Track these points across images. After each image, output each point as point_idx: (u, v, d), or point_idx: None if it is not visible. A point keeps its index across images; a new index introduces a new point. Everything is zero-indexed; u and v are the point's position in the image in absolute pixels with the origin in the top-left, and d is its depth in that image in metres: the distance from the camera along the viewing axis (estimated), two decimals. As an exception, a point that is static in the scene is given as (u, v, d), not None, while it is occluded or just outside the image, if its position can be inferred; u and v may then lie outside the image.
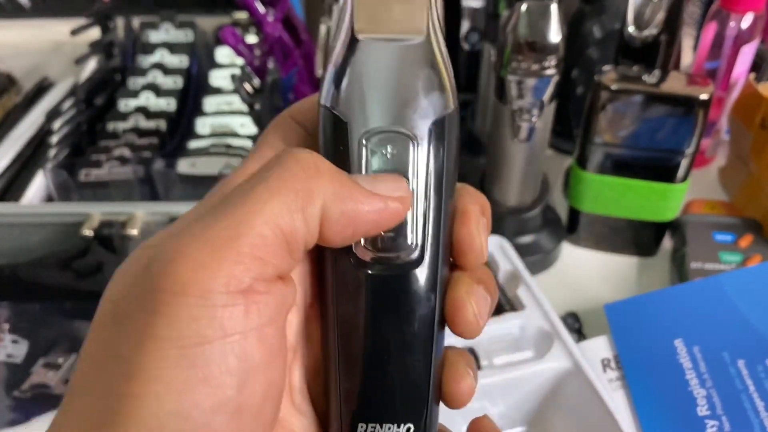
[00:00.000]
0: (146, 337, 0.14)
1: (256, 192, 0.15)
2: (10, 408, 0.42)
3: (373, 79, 0.17)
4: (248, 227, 0.15)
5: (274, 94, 0.50)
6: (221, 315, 0.14)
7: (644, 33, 0.49)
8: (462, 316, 0.18)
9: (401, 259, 0.18)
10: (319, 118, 0.18)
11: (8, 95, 0.70)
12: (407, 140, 0.17)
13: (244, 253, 0.14)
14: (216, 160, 0.56)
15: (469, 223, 0.19)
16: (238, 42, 0.52)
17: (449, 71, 0.18)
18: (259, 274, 0.15)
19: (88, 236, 0.49)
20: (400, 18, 0.17)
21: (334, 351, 0.18)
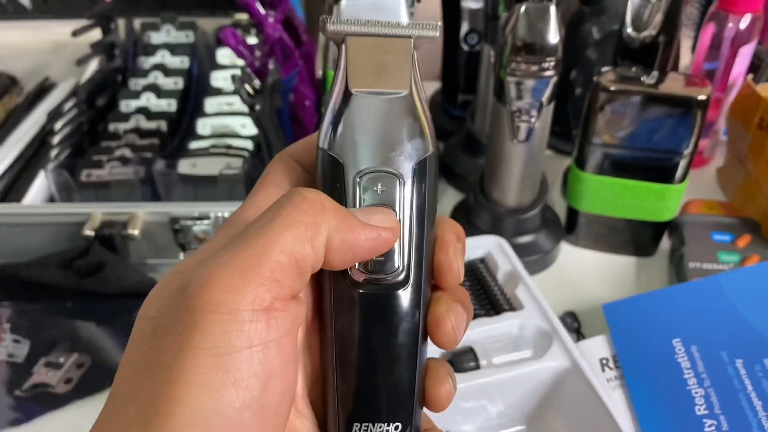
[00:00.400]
0: (185, 348, 0.16)
1: (272, 226, 0.18)
2: (12, 407, 0.42)
3: (365, 126, 0.20)
4: (268, 256, 0.18)
5: (275, 94, 0.50)
6: (248, 329, 0.17)
7: (643, 34, 0.49)
8: (442, 330, 0.21)
9: (389, 280, 0.21)
10: (318, 159, 0.21)
11: (10, 96, 0.71)
12: (394, 179, 0.20)
13: (266, 277, 0.17)
14: (217, 161, 0.56)
15: (447, 250, 0.22)
16: (238, 43, 0.52)
17: (429, 119, 0.21)
18: (278, 294, 0.18)
19: (89, 236, 0.49)
20: (387, 75, 0.20)
21: (331, 360, 0.21)
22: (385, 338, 0.21)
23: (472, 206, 0.53)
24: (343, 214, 0.19)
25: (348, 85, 0.20)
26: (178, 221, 0.50)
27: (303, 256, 0.18)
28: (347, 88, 0.20)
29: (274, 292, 0.18)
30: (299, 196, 0.19)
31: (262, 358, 0.17)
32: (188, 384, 0.16)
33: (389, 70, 0.20)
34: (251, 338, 0.17)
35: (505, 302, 0.43)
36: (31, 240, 0.51)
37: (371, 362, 0.21)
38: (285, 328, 0.18)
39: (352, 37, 0.20)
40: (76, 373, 0.44)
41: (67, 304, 0.50)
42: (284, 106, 0.52)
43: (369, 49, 0.20)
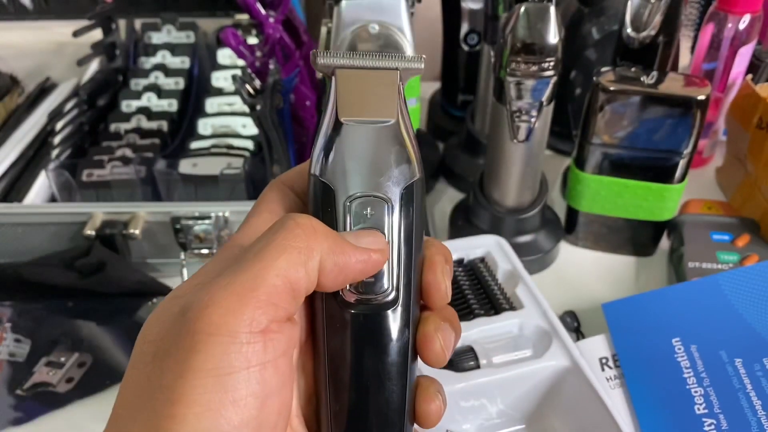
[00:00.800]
0: (186, 369, 0.17)
1: (267, 251, 0.19)
2: (13, 407, 0.42)
3: (354, 153, 0.21)
4: (264, 280, 0.18)
5: (275, 94, 0.50)
6: (246, 350, 0.18)
7: (642, 34, 0.49)
8: (431, 349, 0.22)
9: (379, 301, 0.21)
10: (310, 185, 0.22)
11: (11, 96, 0.71)
12: (383, 203, 0.21)
13: (262, 301, 0.18)
14: (217, 161, 0.57)
15: (435, 271, 0.22)
16: (239, 43, 0.52)
17: (415, 146, 0.22)
18: (274, 316, 0.18)
19: (91, 236, 0.49)
20: (375, 105, 0.21)
21: (324, 379, 0.22)
22: (375, 357, 0.21)
23: (472, 206, 0.53)
24: (335, 238, 0.20)
25: (338, 114, 0.21)
26: (179, 221, 0.50)
27: (297, 279, 0.19)
28: (337, 117, 0.21)
29: (270, 315, 0.18)
30: (292, 221, 0.20)
31: (259, 378, 0.18)
32: (189, 404, 0.17)
33: (377, 100, 0.21)
34: (249, 359, 0.18)
35: (505, 302, 0.43)
36: (33, 240, 0.51)
37: (362, 381, 0.22)
38: (281, 349, 0.19)
39: (341, 69, 0.21)
40: (77, 372, 0.45)
41: (68, 304, 0.50)
42: (285, 106, 0.52)
43: (357, 80, 0.21)
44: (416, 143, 0.22)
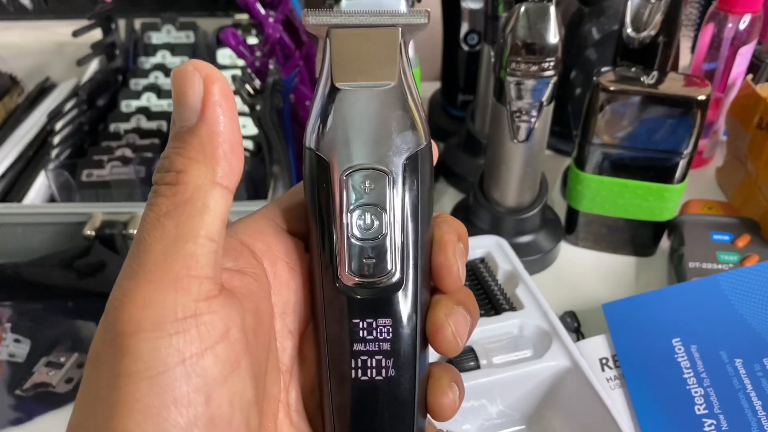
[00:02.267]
0: (117, 376, 0.16)
1: (163, 225, 0.17)
2: (12, 407, 0.42)
3: (351, 122, 0.19)
4: (175, 253, 0.16)
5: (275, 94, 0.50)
6: (176, 342, 0.16)
7: (642, 34, 0.49)
8: (442, 336, 0.20)
9: (382, 283, 0.20)
10: (305, 160, 0.20)
11: (10, 96, 0.71)
12: (383, 175, 0.19)
13: (181, 279, 0.16)
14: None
15: (446, 250, 0.21)
16: (239, 43, 0.52)
17: (420, 110, 0.20)
18: (199, 294, 0.17)
19: (90, 236, 0.49)
20: (373, 67, 0.19)
21: (325, 370, 0.20)
22: (380, 346, 0.20)
23: (472, 206, 0.53)
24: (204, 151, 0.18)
25: (333, 79, 0.19)
26: (178, 221, 0.50)
27: (210, 230, 0.17)
28: (332, 82, 0.19)
29: (195, 293, 0.16)
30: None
31: (198, 370, 0.16)
32: (129, 413, 0.15)
33: (376, 61, 0.19)
34: (182, 351, 0.16)
35: (505, 302, 0.43)
36: (32, 240, 0.51)
37: (367, 372, 0.20)
38: (218, 331, 0.17)
39: (336, 29, 0.19)
40: (76, 372, 0.45)
41: (68, 304, 0.50)
42: (284, 106, 0.52)
43: (354, 41, 0.19)
44: (422, 108, 0.20)
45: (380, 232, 0.19)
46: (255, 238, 0.21)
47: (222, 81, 0.18)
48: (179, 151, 0.17)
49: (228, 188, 0.18)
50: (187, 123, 0.18)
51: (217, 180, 0.17)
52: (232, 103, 0.18)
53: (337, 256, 0.20)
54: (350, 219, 0.19)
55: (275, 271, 0.21)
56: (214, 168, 0.17)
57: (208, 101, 0.17)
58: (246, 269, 0.20)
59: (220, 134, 0.18)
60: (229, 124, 0.18)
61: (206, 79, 0.17)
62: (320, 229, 0.20)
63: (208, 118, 0.17)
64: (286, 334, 0.21)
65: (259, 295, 0.19)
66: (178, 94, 0.18)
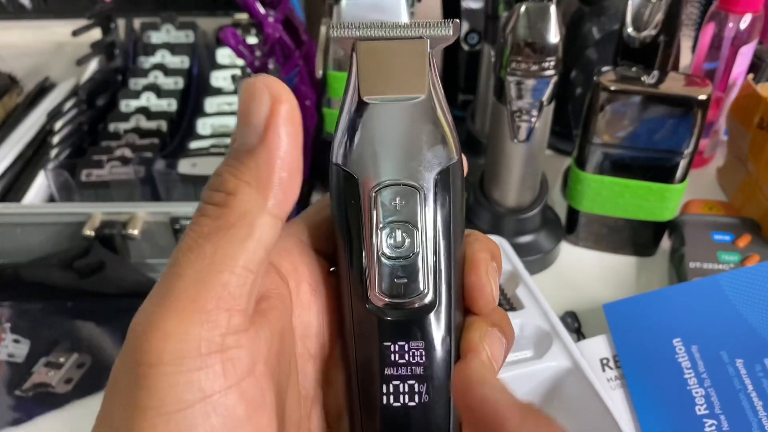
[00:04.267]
0: (132, 409, 0.15)
1: (201, 249, 0.16)
2: (12, 407, 0.42)
3: (379, 136, 0.19)
4: (206, 282, 0.15)
5: (275, 94, 0.50)
6: (197, 378, 0.15)
7: (643, 34, 0.49)
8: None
9: (414, 305, 0.19)
10: (331, 176, 0.19)
11: (10, 96, 0.71)
12: (414, 192, 0.19)
13: (209, 311, 0.15)
14: (217, 161, 0.56)
15: (478, 270, 0.20)
16: (238, 43, 0.52)
17: (451, 124, 0.19)
18: (227, 327, 0.15)
19: (90, 236, 0.49)
20: (402, 79, 0.19)
21: (355, 395, 0.19)
22: (412, 371, 0.19)
23: (472, 206, 0.53)
24: (259, 177, 0.16)
25: (360, 93, 0.18)
26: (178, 221, 0.50)
27: (248, 258, 0.16)
28: (359, 96, 0.18)
29: (223, 327, 0.15)
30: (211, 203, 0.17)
31: (220, 410, 0.15)
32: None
33: (404, 74, 0.19)
34: (204, 389, 0.15)
35: (506, 302, 0.43)
36: (31, 240, 0.51)
37: (399, 399, 0.19)
38: (244, 367, 0.16)
39: (362, 42, 0.19)
40: (76, 373, 0.44)
41: (68, 304, 0.50)
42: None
43: (381, 53, 0.19)
44: (452, 121, 0.19)
45: (412, 250, 0.19)
46: (282, 257, 0.20)
47: (291, 103, 0.17)
48: (233, 171, 0.16)
49: (278, 217, 0.17)
50: (247, 142, 0.16)
51: (267, 208, 0.16)
52: (298, 128, 0.17)
53: (367, 275, 0.19)
54: (380, 237, 0.19)
55: (298, 293, 0.20)
56: (267, 195, 0.16)
57: (273, 123, 0.16)
58: (272, 290, 0.19)
59: (279, 159, 0.16)
60: (291, 149, 0.17)
61: (275, 99, 0.16)
62: (349, 247, 0.19)
63: (269, 141, 0.16)
64: (308, 358, 0.20)
65: (284, 317, 0.19)
66: (243, 110, 0.17)
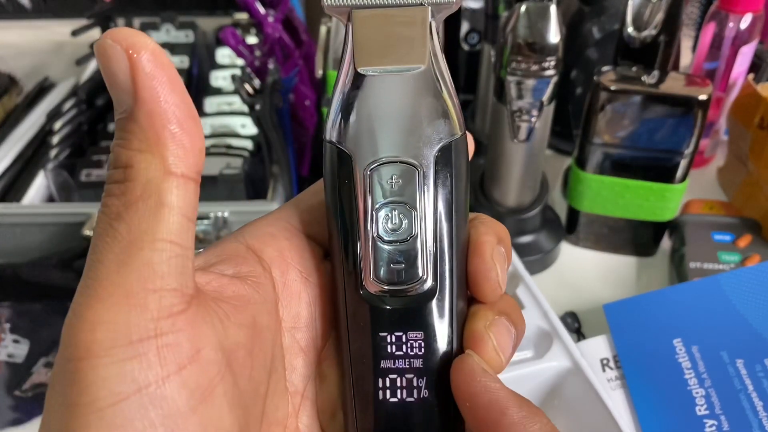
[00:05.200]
0: (66, 408, 0.14)
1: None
2: (12, 407, 0.42)
3: (375, 110, 0.17)
4: (130, 264, 0.14)
5: (275, 94, 0.50)
6: (130, 368, 0.14)
7: (643, 34, 0.49)
8: (483, 351, 0.17)
9: (413, 292, 0.17)
10: (325, 154, 0.18)
11: (9, 96, 0.71)
12: (412, 170, 0.17)
13: (135, 294, 0.14)
14: (216, 161, 0.56)
15: (483, 253, 0.18)
16: (238, 43, 0.52)
17: (454, 98, 0.18)
18: (159, 311, 0.14)
19: (89, 236, 0.49)
20: (401, 49, 0.17)
21: (349, 391, 0.18)
22: (411, 364, 0.18)
23: (473, 206, 0.53)
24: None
25: (355, 64, 0.17)
26: (177, 221, 0.49)
27: (171, 227, 0.14)
28: (355, 68, 0.17)
29: (153, 311, 0.14)
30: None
31: (157, 401, 0.14)
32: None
33: (403, 43, 0.17)
34: (137, 380, 0.13)
35: (506, 302, 0.43)
36: (31, 240, 0.51)
37: (395, 394, 0.18)
38: (185, 354, 0.14)
39: (358, 10, 0.17)
40: (75, 373, 0.44)
41: (67, 304, 0.49)
42: (284, 106, 0.52)
43: (378, 22, 0.17)
44: (455, 95, 0.18)
45: (410, 233, 0.17)
46: (265, 242, 0.19)
47: (150, 47, 0.15)
48: (122, 143, 0.15)
49: (187, 176, 0.15)
50: (124, 108, 0.15)
51: (170, 169, 0.15)
52: (170, 71, 0.15)
53: (362, 261, 0.18)
54: (376, 219, 0.17)
55: (285, 281, 0.19)
56: (163, 155, 0.14)
57: (138, 77, 0.14)
58: (248, 277, 0.18)
59: (161, 113, 0.14)
60: (170, 96, 0.15)
61: (129, 50, 0.14)
62: (342, 231, 0.18)
63: (142, 97, 0.14)
64: (297, 352, 0.19)
65: (260, 307, 0.17)
66: (105, 75, 0.15)
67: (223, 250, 0.19)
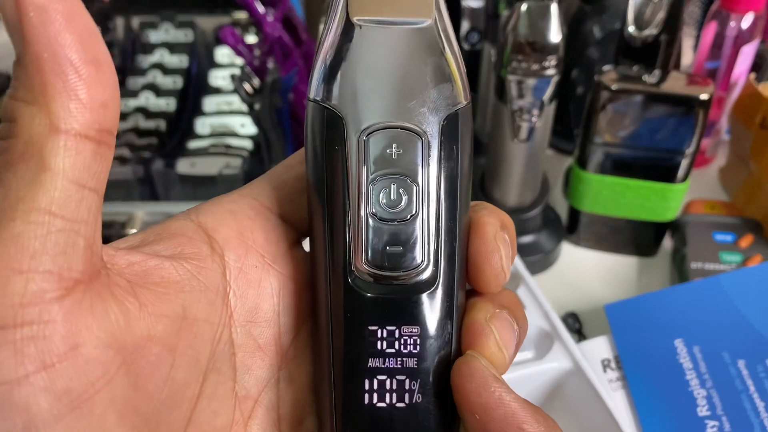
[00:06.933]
0: None
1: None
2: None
3: (373, 67, 0.15)
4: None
5: (274, 93, 0.50)
6: None
7: (644, 33, 0.49)
8: (484, 347, 0.15)
9: (410, 279, 0.15)
10: (308, 116, 0.15)
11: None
12: (415, 138, 0.15)
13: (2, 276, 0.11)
14: (216, 160, 0.56)
15: (485, 235, 0.16)
16: (237, 42, 0.52)
17: (460, 61, 0.15)
18: (24, 296, 0.12)
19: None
20: (402, 0, 0.15)
21: (328, 393, 0.16)
22: (405, 363, 0.15)
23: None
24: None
25: (349, 12, 0.15)
26: (177, 221, 0.49)
27: (53, 195, 0.12)
28: (348, 17, 0.15)
29: (16, 295, 0.11)
30: None
31: (8, 405, 0.11)
32: None
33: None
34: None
35: (506, 303, 0.43)
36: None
37: (385, 398, 0.15)
38: (55, 350, 0.12)
39: None
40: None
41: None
42: (283, 105, 0.52)
43: None
44: (461, 57, 0.15)
45: (410, 211, 0.15)
46: (220, 220, 0.16)
47: None
48: (10, 92, 0.12)
49: (80, 134, 0.12)
50: (17, 50, 0.12)
51: (57, 125, 0.12)
52: (70, 2, 0.12)
53: (352, 241, 0.15)
54: (371, 193, 0.15)
55: (242, 267, 0.16)
56: (51, 108, 0.12)
57: (23, 9, 0.12)
58: (189, 259, 0.15)
59: (50, 56, 0.12)
60: (64, 36, 0.12)
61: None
62: (328, 206, 0.15)
63: (29, 36, 0.12)
64: (253, 350, 0.16)
65: (197, 296, 0.15)
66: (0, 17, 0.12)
67: (166, 228, 0.16)
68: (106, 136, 0.13)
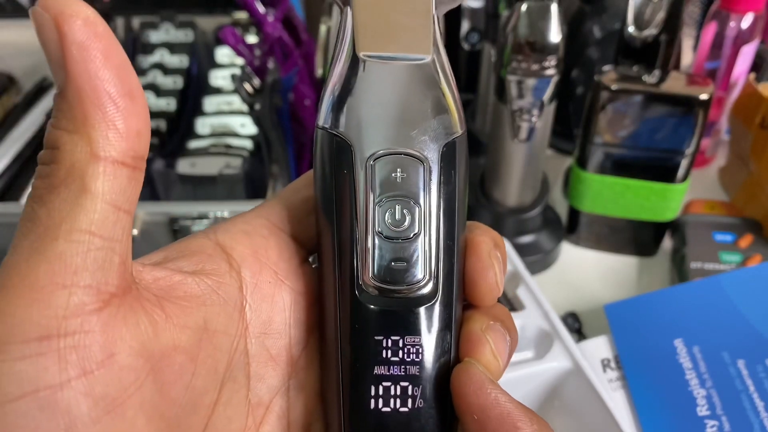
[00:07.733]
0: None
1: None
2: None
3: (379, 98, 0.16)
4: (41, 252, 0.13)
5: (274, 93, 0.50)
6: (24, 368, 0.12)
7: (644, 33, 0.49)
8: (480, 354, 0.17)
9: (412, 294, 0.17)
10: (317, 143, 0.17)
11: (8, 95, 0.70)
12: (418, 163, 0.17)
13: (41, 288, 0.12)
14: (216, 160, 0.56)
15: (480, 253, 0.18)
16: (238, 42, 0.52)
17: (456, 94, 0.17)
18: (67, 308, 0.13)
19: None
20: (404, 37, 0.16)
21: (336, 399, 0.17)
22: (407, 371, 0.17)
23: (473, 206, 0.53)
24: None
25: (356, 48, 0.16)
26: (177, 221, 0.49)
27: (93, 217, 0.13)
28: (354, 52, 0.16)
29: (60, 308, 0.12)
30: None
31: (52, 406, 0.12)
32: None
33: (407, 32, 0.16)
34: (34, 380, 0.12)
35: (506, 303, 0.43)
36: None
37: (390, 402, 0.17)
38: (93, 358, 0.13)
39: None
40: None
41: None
42: (284, 106, 0.52)
43: (381, 8, 0.16)
44: (457, 91, 0.17)
45: (413, 230, 0.17)
46: (237, 240, 0.18)
47: (83, 14, 0.13)
48: (53, 121, 0.14)
49: (117, 161, 0.13)
50: (58, 83, 0.14)
51: (96, 152, 0.13)
52: (105, 41, 0.13)
53: (359, 258, 0.17)
54: (377, 213, 0.16)
55: (257, 283, 0.17)
56: (90, 136, 0.13)
57: (66, 48, 0.13)
58: (209, 275, 0.16)
59: (91, 90, 0.13)
60: (103, 71, 0.13)
61: (58, 19, 0.13)
62: (338, 225, 0.17)
63: (71, 71, 0.13)
64: (266, 360, 0.18)
65: (217, 309, 0.16)
66: (43, 48, 0.13)
67: (187, 246, 0.17)
68: (140, 162, 0.14)
